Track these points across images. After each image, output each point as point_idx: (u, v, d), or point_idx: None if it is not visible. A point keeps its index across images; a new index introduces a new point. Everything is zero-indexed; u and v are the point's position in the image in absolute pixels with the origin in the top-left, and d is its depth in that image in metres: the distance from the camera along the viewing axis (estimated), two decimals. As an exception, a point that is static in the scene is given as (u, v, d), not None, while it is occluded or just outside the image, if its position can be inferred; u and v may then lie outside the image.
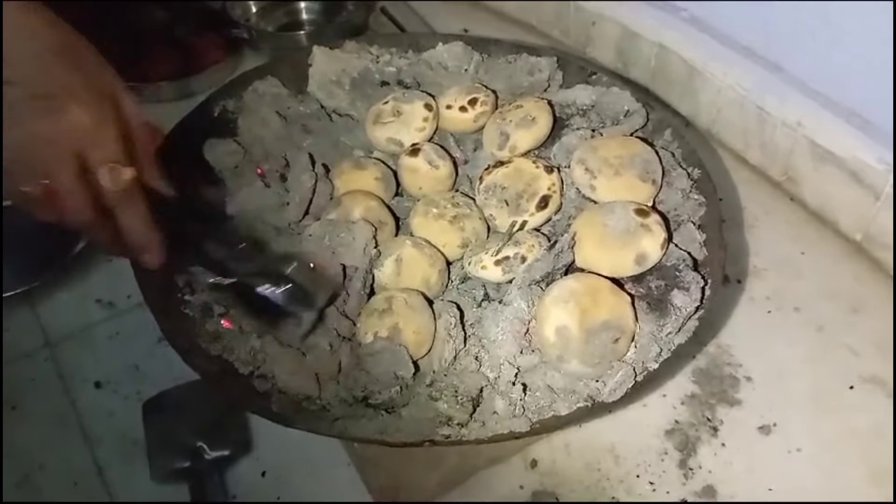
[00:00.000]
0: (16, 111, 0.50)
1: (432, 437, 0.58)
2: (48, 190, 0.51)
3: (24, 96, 0.50)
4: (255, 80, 0.84)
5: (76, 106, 0.51)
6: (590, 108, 0.82)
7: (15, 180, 0.51)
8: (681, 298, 0.65)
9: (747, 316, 0.82)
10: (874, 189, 0.81)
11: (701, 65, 0.97)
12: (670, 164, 0.75)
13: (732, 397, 0.75)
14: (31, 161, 0.51)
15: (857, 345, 0.78)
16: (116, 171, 0.53)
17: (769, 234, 0.90)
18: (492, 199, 0.74)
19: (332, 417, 0.60)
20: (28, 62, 0.51)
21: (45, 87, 0.51)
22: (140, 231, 0.56)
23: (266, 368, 0.63)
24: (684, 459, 0.70)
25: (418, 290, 0.68)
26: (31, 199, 0.52)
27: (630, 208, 0.67)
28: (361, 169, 0.78)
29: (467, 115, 0.81)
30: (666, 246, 0.67)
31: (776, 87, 0.90)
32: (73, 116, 0.50)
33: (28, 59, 0.51)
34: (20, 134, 0.50)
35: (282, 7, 1.27)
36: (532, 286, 0.65)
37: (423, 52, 0.88)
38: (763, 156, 0.95)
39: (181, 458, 0.69)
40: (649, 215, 0.67)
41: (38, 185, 0.51)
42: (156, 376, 0.76)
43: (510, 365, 0.63)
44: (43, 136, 0.50)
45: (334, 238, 0.69)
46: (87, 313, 0.84)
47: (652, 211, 0.69)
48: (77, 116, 0.51)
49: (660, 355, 0.62)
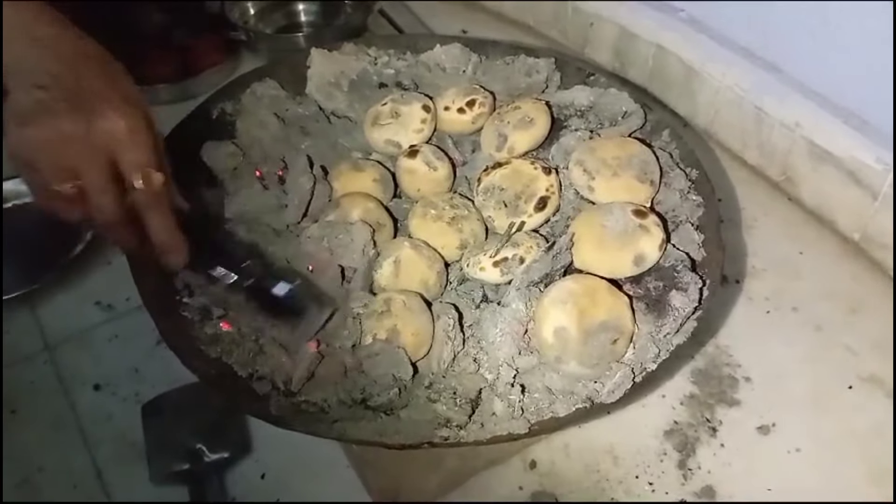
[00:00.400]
0: (48, 113, 0.52)
1: (431, 439, 0.58)
2: (78, 189, 0.53)
3: (56, 99, 0.52)
4: (254, 82, 0.85)
5: (111, 110, 0.53)
6: (588, 109, 0.82)
7: (44, 179, 0.53)
8: (679, 299, 0.65)
9: (746, 316, 0.82)
10: (872, 189, 0.81)
11: (699, 65, 0.97)
12: (668, 164, 0.75)
13: (731, 398, 0.75)
14: (64, 161, 0.53)
15: (856, 344, 0.78)
16: (149, 175, 0.55)
17: (767, 234, 0.90)
18: (490, 200, 0.74)
19: (331, 419, 0.60)
20: (59, 68, 0.53)
21: (77, 92, 0.53)
22: (167, 233, 0.58)
23: (265, 370, 0.63)
24: (683, 460, 0.70)
25: (417, 292, 0.68)
26: (59, 197, 0.54)
27: (628, 209, 0.68)
28: (360, 171, 0.78)
29: (465, 117, 0.81)
30: (664, 246, 0.67)
31: (774, 88, 0.90)
32: (108, 121, 0.53)
33: (59, 65, 0.53)
34: (52, 135, 0.52)
35: (280, 9, 1.27)
36: (530, 287, 0.65)
37: (421, 54, 0.88)
38: (761, 156, 0.95)
39: (180, 461, 0.69)
40: (647, 216, 0.67)
41: (70, 185, 0.53)
42: (155, 378, 0.76)
43: (509, 366, 0.63)
44: (78, 138, 0.52)
45: (333, 239, 0.69)
46: (86, 316, 0.84)
47: (650, 212, 0.69)
48: (112, 121, 0.53)
49: (658, 356, 0.62)
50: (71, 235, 0.91)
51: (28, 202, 0.96)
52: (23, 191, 0.96)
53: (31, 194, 0.56)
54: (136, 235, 0.58)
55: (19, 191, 0.96)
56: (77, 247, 0.90)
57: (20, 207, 0.96)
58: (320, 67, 0.86)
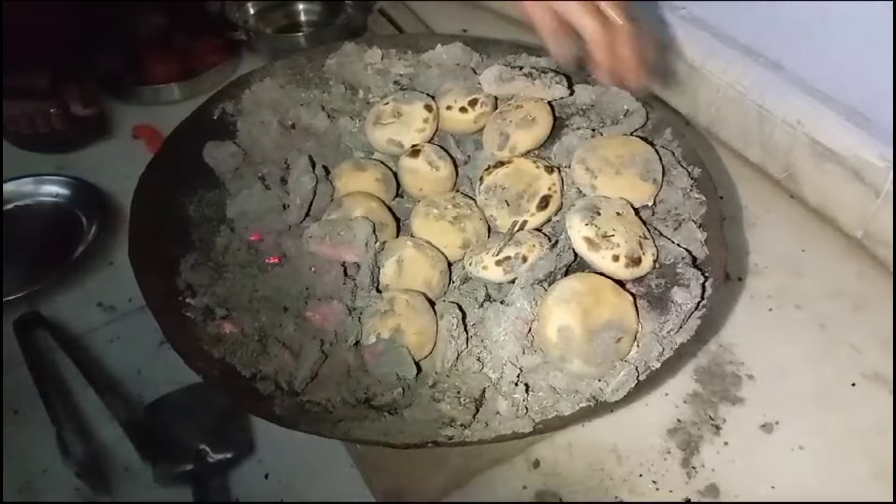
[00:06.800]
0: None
1: (435, 439, 0.58)
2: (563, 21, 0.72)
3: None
4: (254, 82, 0.85)
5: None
6: (590, 107, 0.82)
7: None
8: (681, 295, 0.65)
9: (749, 314, 0.82)
10: (875, 186, 0.81)
11: (700, 63, 0.97)
12: (671, 162, 0.75)
13: (735, 395, 0.75)
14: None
15: (860, 342, 0.78)
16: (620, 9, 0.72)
17: (770, 231, 0.90)
18: (492, 199, 0.74)
19: (335, 419, 0.60)
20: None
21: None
22: (633, 56, 0.73)
23: (269, 370, 0.63)
24: (687, 458, 0.70)
25: (420, 292, 0.68)
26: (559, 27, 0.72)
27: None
28: (362, 170, 0.78)
29: (467, 116, 0.81)
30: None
31: (776, 85, 0.90)
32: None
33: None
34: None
35: (280, 9, 1.27)
36: (535, 286, 0.65)
37: (422, 54, 0.88)
38: (763, 154, 0.95)
39: (184, 461, 0.69)
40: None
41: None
42: (158, 380, 0.76)
43: (513, 365, 0.63)
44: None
45: (335, 236, 0.68)
46: (88, 317, 0.83)
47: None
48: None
49: (662, 354, 0.62)
50: (72, 237, 0.91)
51: (29, 203, 0.97)
52: (24, 192, 0.97)
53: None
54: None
55: (21, 192, 0.97)
56: (78, 248, 0.90)
57: (21, 209, 0.96)
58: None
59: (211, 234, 0.74)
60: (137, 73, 1.11)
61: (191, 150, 0.78)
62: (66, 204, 0.96)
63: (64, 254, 0.89)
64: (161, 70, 1.11)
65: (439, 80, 0.85)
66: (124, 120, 1.08)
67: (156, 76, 1.10)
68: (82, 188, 0.96)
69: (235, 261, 0.71)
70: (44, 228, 0.94)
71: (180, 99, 1.09)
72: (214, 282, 0.69)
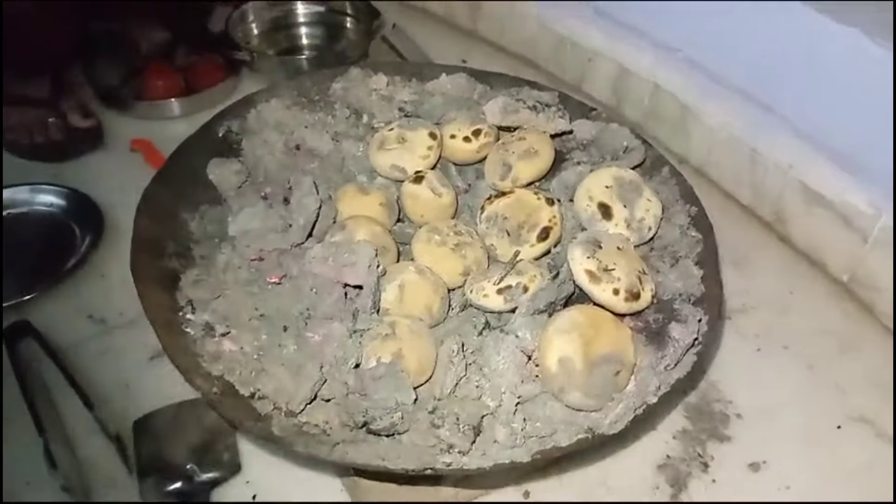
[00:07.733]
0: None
1: (433, 465, 0.58)
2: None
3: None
4: (260, 102, 0.85)
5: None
6: (590, 142, 0.83)
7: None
8: (679, 330, 0.65)
9: (737, 353, 0.83)
10: (863, 232, 0.83)
11: (694, 104, 1.00)
12: (668, 200, 0.77)
13: (723, 433, 0.76)
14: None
15: (845, 383, 0.79)
16: None
17: (758, 272, 0.92)
18: (493, 228, 0.75)
19: (333, 442, 0.60)
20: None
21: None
22: None
23: (267, 390, 0.63)
24: (675, 494, 0.71)
25: (420, 317, 0.68)
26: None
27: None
28: (365, 194, 0.78)
29: (471, 146, 0.81)
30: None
31: (768, 129, 0.92)
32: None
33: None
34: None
35: (282, 31, 1.28)
36: (535, 315, 0.66)
37: (426, 82, 0.89)
38: (754, 196, 0.97)
39: (171, 479, 0.69)
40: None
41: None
42: (146, 395, 0.75)
43: (511, 394, 0.63)
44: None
45: (338, 258, 0.68)
46: (78, 329, 0.83)
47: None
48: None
49: (659, 389, 0.63)
50: (65, 247, 0.91)
51: (24, 212, 0.96)
52: (18, 200, 0.96)
53: None
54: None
55: (15, 200, 0.96)
56: (71, 259, 0.89)
57: (16, 217, 0.95)
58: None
59: (212, 251, 0.74)
60: (137, 87, 1.11)
61: (195, 166, 0.78)
62: (60, 214, 0.95)
63: (56, 264, 0.88)
64: (161, 85, 1.11)
65: (443, 109, 0.86)
66: (122, 133, 1.07)
67: (156, 91, 1.10)
68: (77, 199, 0.96)
69: (236, 278, 0.71)
70: (37, 238, 0.93)
71: (179, 115, 1.09)
72: (215, 298, 0.69)
